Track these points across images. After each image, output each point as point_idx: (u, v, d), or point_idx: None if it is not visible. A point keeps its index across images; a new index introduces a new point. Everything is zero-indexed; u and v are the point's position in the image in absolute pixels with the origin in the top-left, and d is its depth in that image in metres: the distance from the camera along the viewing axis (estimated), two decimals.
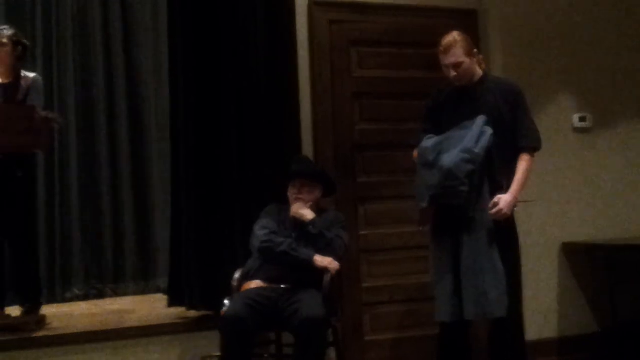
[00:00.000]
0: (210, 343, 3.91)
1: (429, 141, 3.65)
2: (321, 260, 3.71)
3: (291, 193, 3.92)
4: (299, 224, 3.84)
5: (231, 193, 4.18)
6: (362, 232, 4.56)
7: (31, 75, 4.48)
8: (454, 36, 3.65)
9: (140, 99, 5.84)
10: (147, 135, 5.80)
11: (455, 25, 3.87)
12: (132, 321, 4.42)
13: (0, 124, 3.99)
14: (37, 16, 5.64)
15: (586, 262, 4.83)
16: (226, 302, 3.62)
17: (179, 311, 4.30)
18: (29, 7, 5.64)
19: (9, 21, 5.23)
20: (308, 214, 3.86)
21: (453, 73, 3.63)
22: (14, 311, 4.37)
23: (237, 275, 3.83)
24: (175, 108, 4.32)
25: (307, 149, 4.46)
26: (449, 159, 3.49)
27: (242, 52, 4.25)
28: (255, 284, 3.72)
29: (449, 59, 3.62)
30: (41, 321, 4.26)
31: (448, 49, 3.62)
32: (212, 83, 4.24)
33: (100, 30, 5.78)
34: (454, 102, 3.71)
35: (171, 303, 4.31)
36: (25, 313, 4.34)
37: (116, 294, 5.61)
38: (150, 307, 4.84)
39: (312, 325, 3.42)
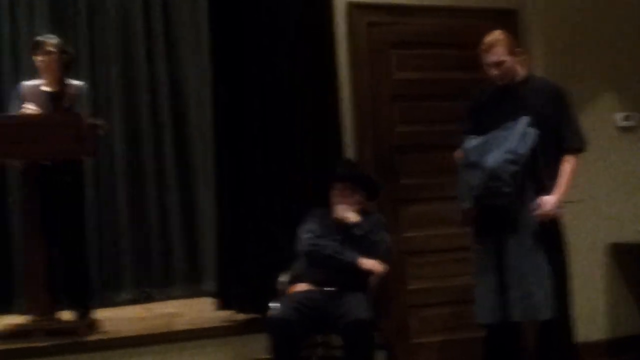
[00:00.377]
0: (258, 346, 3.94)
1: (472, 142, 3.67)
2: (366, 262, 3.75)
3: (335, 196, 3.97)
4: (343, 226, 3.88)
5: (276, 196, 4.23)
6: (405, 234, 4.58)
7: (77, 83, 4.58)
8: (497, 35, 3.67)
9: (183, 103, 5.92)
10: (191, 140, 5.88)
11: (495, 25, 3.87)
12: (180, 324, 4.50)
13: (47, 132, 4.10)
14: (81, 25, 5.75)
15: (634, 262, 4.79)
16: (272, 305, 3.68)
17: (226, 314, 4.36)
18: (72, 16, 5.74)
19: (54, 30, 5.34)
20: (352, 216, 3.90)
21: (494, 72, 3.64)
22: (67, 315, 4.46)
23: (283, 278, 3.88)
24: (218, 113, 4.38)
25: (349, 151, 4.49)
26: (493, 159, 3.50)
27: (282, 56, 4.30)
28: (302, 287, 3.77)
29: (491, 57, 3.63)
30: (93, 325, 4.37)
31: (490, 47, 3.63)
32: (253, 87, 4.30)
33: (143, 37, 5.86)
34: (497, 102, 3.72)
35: (219, 306, 4.37)
36: (77, 317, 4.46)
37: (164, 297, 5.68)
38: (198, 311, 4.90)
39: (359, 327, 3.46)
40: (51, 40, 4.48)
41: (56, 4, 5.69)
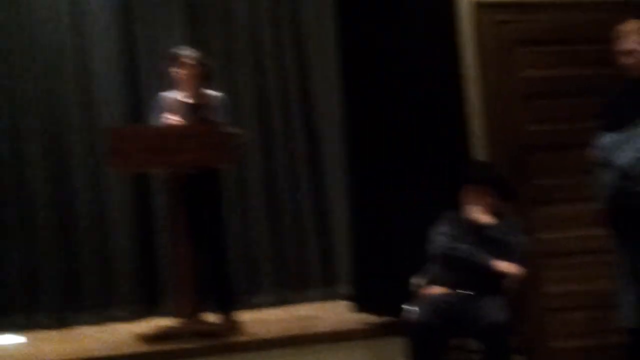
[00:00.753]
0: (395, 349, 4.00)
1: (606, 139, 3.60)
2: (500, 265, 3.74)
3: (467, 198, 3.97)
4: (476, 229, 3.88)
5: (407, 199, 4.27)
6: (541, 236, 4.50)
7: (215, 94, 4.77)
8: (631, 23, 3.60)
9: (313, 111, 6.04)
10: (322, 145, 5.99)
11: (628, 18, 3.78)
12: (318, 327, 4.63)
13: (189, 142, 4.30)
14: (216, 37, 5.96)
15: None
16: (407, 308, 3.72)
17: (363, 317, 4.44)
18: (207, 29, 5.97)
19: (190, 42, 5.57)
20: (485, 218, 3.90)
21: (625, 60, 3.57)
22: (212, 318, 4.66)
23: (417, 281, 3.92)
24: (348, 118, 4.49)
25: (478, 152, 4.48)
26: (624, 157, 3.43)
27: (408, 59, 4.34)
28: (437, 290, 3.80)
29: (622, 45, 3.57)
30: (236, 327, 4.54)
31: (622, 34, 3.58)
32: (381, 91, 4.36)
33: (272, 47, 6.03)
34: (631, 98, 3.63)
35: (355, 309, 4.46)
36: (221, 319, 4.66)
37: (302, 300, 5.80)
38: (334, 313, 5.00)
39: (496, 330, 3.47)
40: (188, 53, 4.69)
41: (192, 17, 5.94)
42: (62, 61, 5.77)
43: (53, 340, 5.02)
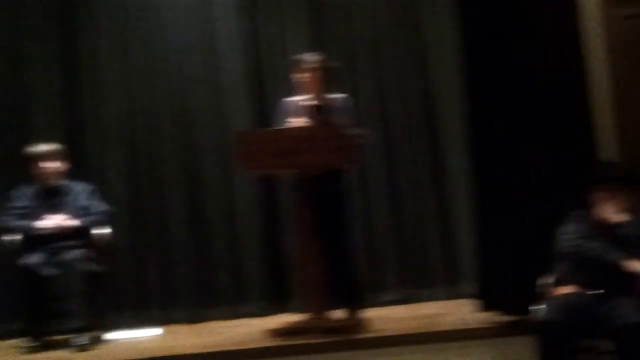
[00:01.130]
0: (521, 348, 3.94)
1: None
2: (633, 265, 3.63)
3: (598, 197, 3.87)
4: (607, 227, 3.77)
5: (537, 197, 4.20)
6: None
7: (339, 96, 4.86)
8: None
9: (435, 109, 6.03)
10: (444, 146, 5.98)
11: None
12: (444, 325, 4.61)
13: (314, 143, 4.39)
14: (338, 39, 6.07)
15: None
16: (536, 307, 3.67)
17: (488, 316, 4.40)
18: (329, 31, 6.08)
19: (313, 45, 5.74)
20: (617, 217, 3.79)
21: None
22: (339, 314, 4.74)
23: (547, 280, 3.85)
24: (471, 119, 4.46)
25: (608, 149, 4.36)
26: None
27: (532, 58, 4.27)
28: (566, 289, 3.72)
29: None
30: (363, 324, 4.60)
31: None
32: (504, 92, 4.31)
33: (393, 47, 6.06)
34: None
35: (482, 308, 4.43)
36: (348, 316, 4.74)
37: (426, 298, 5.81)
38: (460, 312, 4.96)
39: (632, 332, 3.36)
40: (311, 58, 4.80)
41: (315, 23, 6.07)
42: (192, 66, 6.04)
43: (187, 334, 5.23)
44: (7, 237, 5.01)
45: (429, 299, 5.79)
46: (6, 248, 5.03)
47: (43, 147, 5.12)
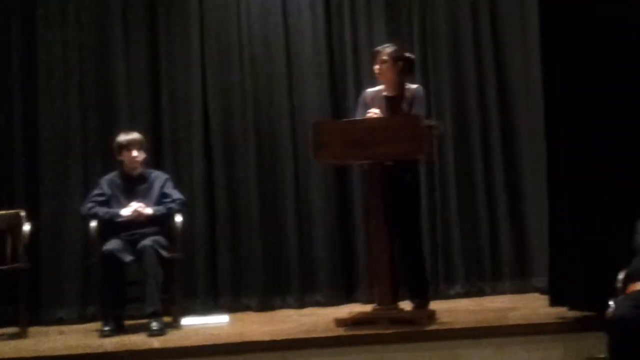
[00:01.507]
0: (592, 344, 3.92)
1: None
2: None
3: None
4: None
5: (611, 191, 4.14)
6: None
7: (414, 86, 4.89)
8: None
9: (510, 104, 6.01)
10: (518, 140, 5.96)
11: None
12: (514, 319, 4.58)
13: (389, 134, 4.39)
14: (414, 31, 6.08)
15: None
16: (611, 303, 3.62)
17: (558, 311, 4.37)
18: (406, 24, 6.11)
19: (389, 35, 5.81)
20: None
21: None
22: (406, 306, 4.77)
23: (621, 275, 3.79)
24: (550, 109, 4.42)
25: None
26: None
27: (616, 52, 4.18)
28: None
29: None
30: (431, 315, 4.62)
31: None
32: (585, 87, 4.24)
33: (471, 42, 6.07)
34: None
35: (552, 302, 4.40)
36: (416, 308, 4.77)
37: (494, 292, 5.81)
38: (529, 306, 4.94)
39: None
40: (386, 50, 4.83)
41: (391, 15, 6.10)
42: (269, 57, 6.12)
43: (256, 322, 5.32)
44: (89, 223, 5.19)
45: (499, 292, 5.77)
46: (87, 234, 5.22)
47: (130, 137, 5.27)
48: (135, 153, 5.25)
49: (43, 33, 6.03)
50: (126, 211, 5.15)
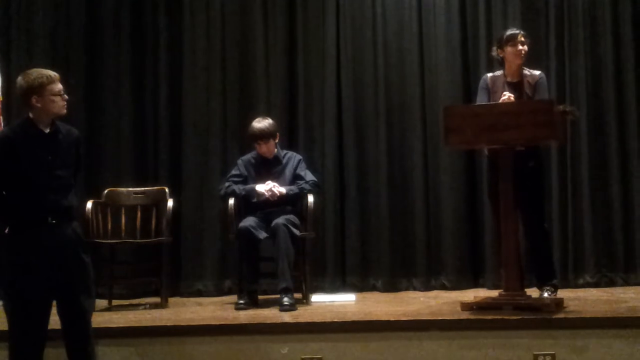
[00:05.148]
0: None
1: None
2: None
3: None
4: None
5: None
6: None
7: (536, 72, 4.88)
8: None
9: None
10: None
11: None
12: None
13: (521, 119, 4.37)
14: (550, 15, 6.00)
15: None
16: None
17: None
18: (542, 7, 6.02)
19: (524, 21, 5.76)
20: None
21: None
22: (533, 292, 4.75)
23: None
24: None
25: None
26: None
27: None
28: None
29: None
30: (559, 304, 4.56)
31: None
32: None
33: (610, 24, 5.93)
34: None
35: None
36: (543, 295, 4.74)
37: (626, 283, 5.69)
38: None
39: None
40: (516, 33, 4.83)
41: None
42: (401, 41, 6.17)
43: (382, 301, 5.39)
44: (227, 201, 5.42)
45: (630, 284, 5.67)
46: (225, 211, 5.46)
47: (263, 127, 5.38)
48: (265, 148, 5.42)
49: (189, 18, 6.27)
50: (261, 187, 5.34)
